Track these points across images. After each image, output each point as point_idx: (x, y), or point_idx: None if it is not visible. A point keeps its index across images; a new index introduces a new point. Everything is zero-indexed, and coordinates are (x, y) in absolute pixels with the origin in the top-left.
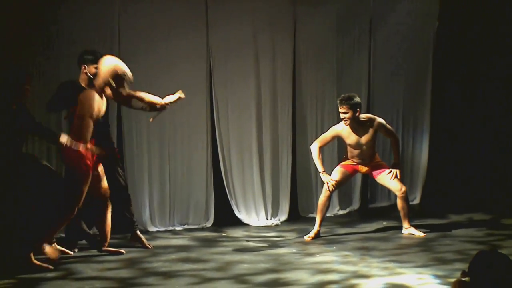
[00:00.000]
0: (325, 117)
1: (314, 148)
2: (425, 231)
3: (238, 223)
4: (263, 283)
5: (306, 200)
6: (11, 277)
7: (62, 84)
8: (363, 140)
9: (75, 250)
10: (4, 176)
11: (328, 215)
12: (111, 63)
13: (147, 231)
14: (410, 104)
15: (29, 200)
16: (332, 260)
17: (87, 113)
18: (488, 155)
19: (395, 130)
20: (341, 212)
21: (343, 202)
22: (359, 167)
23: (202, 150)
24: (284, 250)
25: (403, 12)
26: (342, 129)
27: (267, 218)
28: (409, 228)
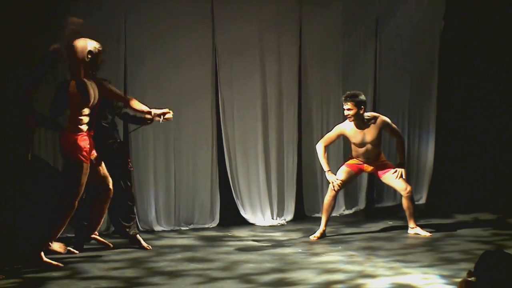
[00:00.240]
0: (331, 117)
1: (320, 147)
2: (431, 231)
3: (244, 223)
4: (268, 283)
5: (312, 200)
6: (17, 276)
7: (58, 86)
8: (368, 139)
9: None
10: (8, 176)
11: (334, 214)
12: (80, 42)
13: (153, 231)
14: (416, 104)
15: (33, 199)
16: (337, 260)
17: (80, 102)
18: (494, 155)
19: (401, 130)
20: (347, 212)
21: (349, 202)
22: (364, 166)
23: (208, 150)
24: (289, 250)
25: (409, 12)
26: (347, 127)
27: (272, 218)
28: (415, 228)
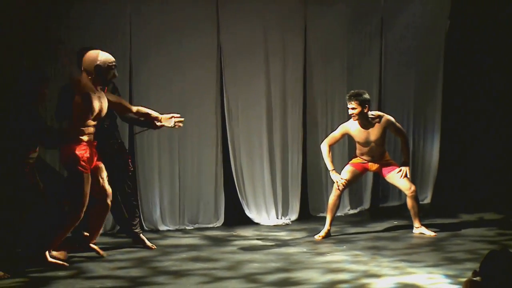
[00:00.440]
0: (336, 117)
1: (324, 146)
2: (436, 231)
3: (249, 222)
4: (273, 282)
5: (317, 199)
6: (23, 276)
7: (62, 88)
8: (372, 137)
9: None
10: (12, 178)
11: (339, 214)
12: (91, 55)
13: (158, 230)
14: (421, 104)
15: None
16: (342, 259)
17: (82, 114)
18: (499, 155)
19: (406, 130)
20: (352, 211)
21: (354, 202)
22: (368, 165)
23: (212, 149)
24: (294, 250)
25: (414, 12)
26: (351, 126)
27: (277, 217)
28: (419, 228)
